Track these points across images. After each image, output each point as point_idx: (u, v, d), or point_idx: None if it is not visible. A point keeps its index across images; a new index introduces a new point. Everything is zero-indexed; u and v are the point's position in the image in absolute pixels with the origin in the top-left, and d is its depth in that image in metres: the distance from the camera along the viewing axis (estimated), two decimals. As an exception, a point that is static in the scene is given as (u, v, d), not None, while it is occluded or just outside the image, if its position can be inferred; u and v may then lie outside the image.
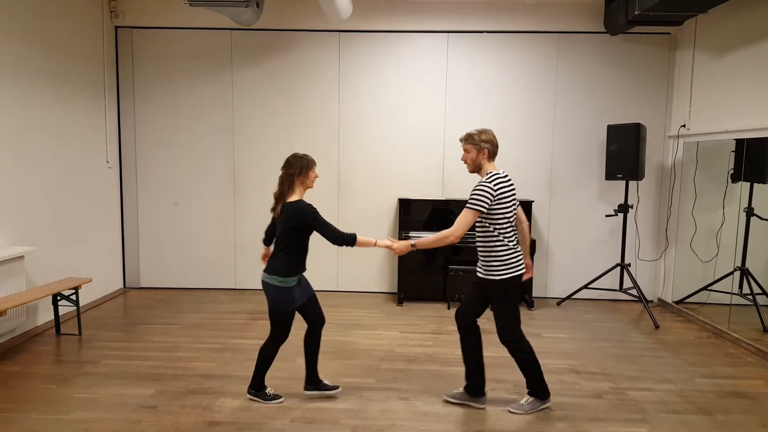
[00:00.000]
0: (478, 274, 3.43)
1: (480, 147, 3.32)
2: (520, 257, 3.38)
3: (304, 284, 3.50)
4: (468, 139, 3.36)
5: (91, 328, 4.96)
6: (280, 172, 3.39)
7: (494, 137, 3.36)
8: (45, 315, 4.94)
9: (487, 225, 3.29)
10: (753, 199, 4.94)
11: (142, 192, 6.37)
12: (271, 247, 3.50)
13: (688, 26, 5.78)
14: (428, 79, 6.18)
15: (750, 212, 4.98)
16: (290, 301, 3.34)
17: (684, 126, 5.76)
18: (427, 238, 3.35)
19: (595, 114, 6.14)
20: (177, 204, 6.37)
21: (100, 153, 5.88)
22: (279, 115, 6.26)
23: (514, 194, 3.32)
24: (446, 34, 6.13)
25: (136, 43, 6.19)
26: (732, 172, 5.18)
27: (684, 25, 5.80)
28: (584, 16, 6.00)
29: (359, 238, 3.34)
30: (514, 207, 3.33)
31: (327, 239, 3.30)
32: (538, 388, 3.47)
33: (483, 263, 3.38)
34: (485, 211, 3.23)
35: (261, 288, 3.40)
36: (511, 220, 3.32)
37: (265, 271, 3.37)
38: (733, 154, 5.14)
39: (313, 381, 3.61)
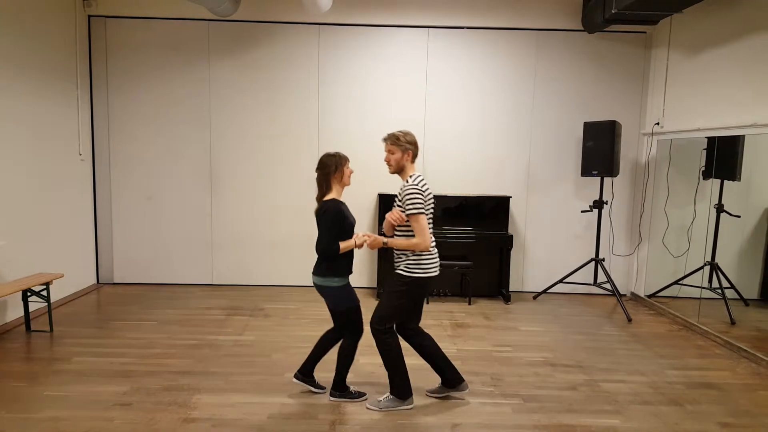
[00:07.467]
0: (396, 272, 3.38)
1: (405, 148, 3.33)
2: (437, 260, 3.37)
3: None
4: (393, 140, 3.36)
5: (63, 325, 4.86)
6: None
7: (416, 140, 3.41)
8: (15, 311, 4.82)
9: (409, 225, 3.27)
10: (723, 195, 5.06)
11: (116, 185, 6.24)
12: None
13: (663, 25, 5.88)
14: (408, 74, 6.18)
15: (720, 208, 5.09)
16: (352, 295, 3.40)
17: (658, 124, 5.87)
18: (400, 240, 3.30)
19: (572, 111, 6.21)
20: (151, 198, 6.26)
21: (72, 145, 5.74)
22: (257, 108, 6.19)
23: (432, 194, 3.35)
24: (426, 29, 6.12)
25: (109, 33, 6.05)
26: (703, 169, 5.29)
27: (659, 24, 5.90)
28: (563, 14, 6.06)
29: (341, 245, 3.27)
30: (433, 207, 3.36)
31: (316, 243, 3.29)
32: (398, 386, 3.42)
33: (400, 261, 3.33)
34: (424, 212, 3.23)
35: (237, 284, 3.36)
36: (431, 220, 3.33)
37: (317, 275, 3.34)
38: (705, 151, 5.26)
39: (305, 372, 3.60)
